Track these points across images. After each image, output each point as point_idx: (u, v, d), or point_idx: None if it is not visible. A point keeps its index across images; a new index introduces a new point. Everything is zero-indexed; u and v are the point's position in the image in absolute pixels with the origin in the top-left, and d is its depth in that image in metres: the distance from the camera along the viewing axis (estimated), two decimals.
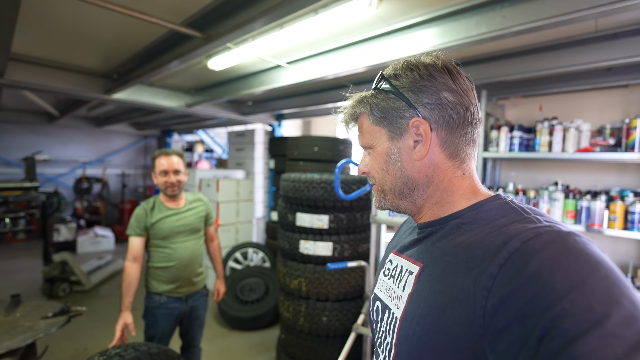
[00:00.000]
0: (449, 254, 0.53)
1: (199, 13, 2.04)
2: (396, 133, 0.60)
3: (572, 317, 0.36)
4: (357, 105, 0.64)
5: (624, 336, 0.35)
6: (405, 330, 0.55)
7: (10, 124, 6.87)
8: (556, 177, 2.87)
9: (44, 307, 2.10)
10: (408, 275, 0.60)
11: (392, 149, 0.61)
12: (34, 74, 3.26)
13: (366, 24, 2.16)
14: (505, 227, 0.49)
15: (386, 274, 0.69)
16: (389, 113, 0.60)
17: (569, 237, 0.43)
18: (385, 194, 0.64)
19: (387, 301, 0.64)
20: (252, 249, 4.28)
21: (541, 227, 0.46)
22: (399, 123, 0.59)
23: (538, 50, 2.38)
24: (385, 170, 0.62)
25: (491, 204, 0.56)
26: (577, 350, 0.35)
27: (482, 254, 0.48)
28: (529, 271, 0.41)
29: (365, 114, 0.63)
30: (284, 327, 2.59)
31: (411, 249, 0.65)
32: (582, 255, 0.41)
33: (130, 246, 1.91)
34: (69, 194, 7.61)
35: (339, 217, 2.36)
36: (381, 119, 0.61)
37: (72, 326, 3.27)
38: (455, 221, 0.58)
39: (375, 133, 0.62)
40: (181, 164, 2.00)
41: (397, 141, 0.60)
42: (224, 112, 4.85)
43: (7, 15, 1.77)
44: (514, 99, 3.15)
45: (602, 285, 0.38)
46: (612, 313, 0.36)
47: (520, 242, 0.44)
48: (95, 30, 2.42)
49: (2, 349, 1.62)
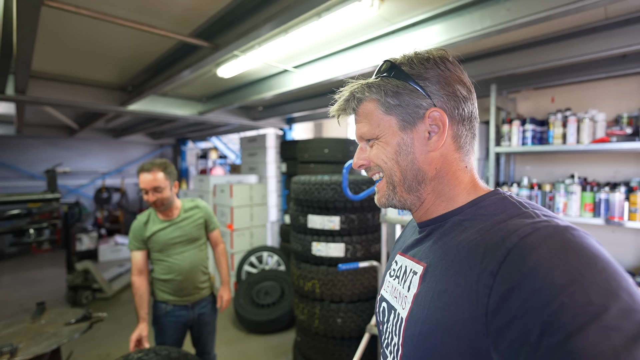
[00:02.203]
0: (451, 253, 0.53)
1: (206, 23, 2.10)
2: (409, 123, 0.58)
3: (571, 312, 0.36)
4: (367, 90, 0.60)
5: (622, 328, 0.35)
6: (411, 331, 0.55)
7: (33, 139, 7.18)
8: (573, 169, 2.79)
9: (68, 314, 2.17)
10: (412, 276, 0.61)
11: (404, 139, 0.58)
12: (53, 90, 3.40)
13: (370, 25, 2.17)
14: (504, 222, 0.50)
15: (392, 275, 0.69)
16: (404, 101, 0.57)
17: (566, 231, 0.44)
18: (395, 188, 0.61)
19: (393, 302, 0.64)
20: (266, 252, 4.32)
21: (539, 222, 0.46)
22: (414, 112, 0.57)
23: (547, 41, 2.33)
24: (395, 161, 0.59)
25: (490, 199, 0.57)
26: (576, 344, 0.35)
27: (482, 252, 0.48)
28: (527, 267, 0.41)
29: (375, 100, 0.60)
30: (299, 330, 2.60)
31: (414, 249, 0.65)
32: (579, 249, 0.41)
33: (133, 261, 1.90)
34: (90, 204, 7.87)
35: (350, 218, 2.37)
36: (394, 106, 0.58)
37: (94, 332, 3.38)
38: (455, 218, 0.58)
39: (384, 122, 0.59)
40: (164, 179, 1.84)
41: (410, 131, 0.58)
42: (235, 119, 4.93)
43: (26, 36, 1.87)
44: (526, 91, 3.08)
45: (599, 279, 0.38)
46: (610, 306, 0.36)
47: (518, 238, 0.45)
48: (109, 45, 2.51)
49: (28, 355, 1.69)
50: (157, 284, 1.98)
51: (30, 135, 6.79)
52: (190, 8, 1.93)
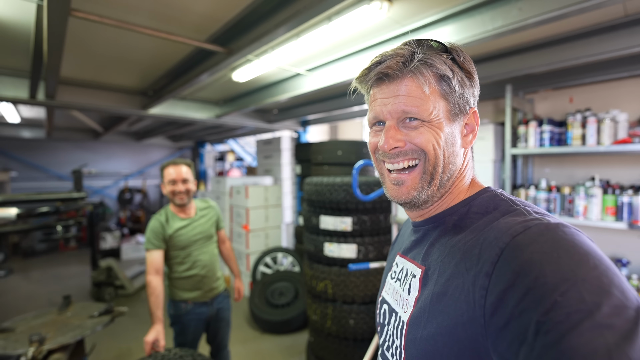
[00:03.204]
0: (448, 256, 0.54)
1: (221, 30, 2.17)
2: (457, 114, 0.57)
3: (564, 310, 0.37)
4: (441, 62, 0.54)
5: (614, 326, 0.35)
6: (413, 335, 0.55)
7: (61, 142, 7.54)
8: (594, 172, 2.70)
9: (91, 308, 2.29)
10: (412, 279, 0.61)
11: (452, 129, 0.57)
12: (80, 95, 3.59)
13: (381, 27, 2.19)
14: (496, 220, 0.50)
15: (392, 277, 0.69)
16: (464, 91, 0.56)
17: (558, 228, 0.44)
18: (432, 180, 0.57)
19: (394, 304, 0.64)
20: (281, 253, 4.38)
21: (530, 220, 0.46)
22: (463, 106, 0.57)
23: (565, 40, 2.28)
24: (444, 150, 0.56)
25: (481, 197, 0.57)
26: (570, 342, 0.35)
27: (477, 253, 0.48)
28: (520, 266, 0.41)
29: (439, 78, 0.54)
30: (312, 330, 2.62)
31: (413, 251, 0.65)
32: (571, 247, 0.41)
33: (151, 260, 1.87)
34: (113, 204, 8.18)
35: (362, 219, 2.38)
36: (455, 93, 0.55)
37: (116, 327, 3.51)
38: (449, 218, 0.58)
39: (439, 104, 0.55)
40: (190, 174, 2.00)
41: (454, 122, 0.57)
42: (251, 121, 5.03)
43: (55, 45, 1.99)
44: (544, 92, 3.01)
45: (591, 276, 0.38)
46: (603, 303, 0.36)
47: (510, 237, 0.45)
48: (131, 52, 2.64)
49: (55, 344, 1.79)
50: (176, 284, 2.00)
51: (59, 138, 7.14)
52: (207, 15, 2.00)
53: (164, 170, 1.98)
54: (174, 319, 2.00)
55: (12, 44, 2.48)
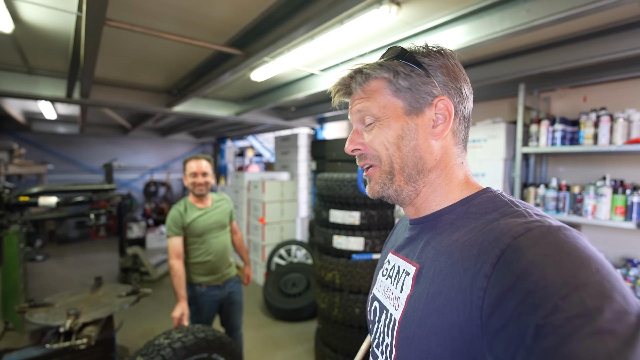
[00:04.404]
0: (444, 254, 0.53)
1: (239, 34, 2.31)
2: (416, 108, 0.57)
3: (565, 314, 0.36)
4: (379, 69, 0.58)
5: (616, 331, 0.34)
6: (405, 333, 0.54)
7: (93, 137, 8.00)
8: (608, 171, 2.67)
9: (119, 288, 2.51)
10: (405, 276, 0.60)
11: (409, 124, 0.57)
12: (111, 94, 3.86)
13: (392, 29, 2.27)
14: (496, 221, 0.49)
15: (384, 274, 0.69)
16: (415, 85, 0.57)
17: (559, 231, 0.43)
18: (394, 176, 0.59)
19: (385, 302, 0.64)
20: (295, 246, 4.53)
21: (531, 221, 0.46)
22: (423, 98, 0.57)
23: (579, 38, 2.28)
24: (397, 146, 0.58)
25: (481, 197, 0.56)
26: (570, 347, 0.34)
27: (476, 253, 0.47)
28: (521, 269, 0.41)
29: (385, 80, 0.58)
30: (320, 318, 2.76)
31: (406, 248, 0.64)
32: (572, 250, 0.41)
33: (172, 246, 2.07)
34: (139, 196, 8.60)
35: (370, 214, 2.48)
36: (405, 89, 0.57)
37: (141, 309, 3.78)
38: (447, 217, 0.58)
39: (390, 104, 0.58)
40: (209, 168, 2.18)
41: (415, 117, 0.57)
42: (269, 119, 5.19)
43: (91, 50, 2.19)
44: (561, 90, 2.99)
45: (593, 280, 0.38)
46: (604, 308, 0.35)
47: (511, 238, 0.44)
48: (158, 55, 2.83)
49: (89, 318, 2.00)
50: (192, 269, 2.18)
51: (91, 133, 7.58)
52: (226, 21, 2.15)
53: (187, 164, 2.17)
54: (190, 300, 2.19)
55: (53, 49, 2.72)
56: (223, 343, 1.87)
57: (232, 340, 1.95)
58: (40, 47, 2.69)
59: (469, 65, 2.88)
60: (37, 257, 5.76)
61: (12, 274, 3.02)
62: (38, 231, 6.61)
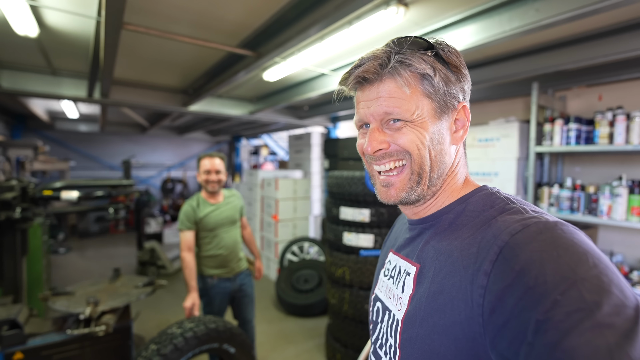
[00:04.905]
0: (444, 253, 0.53)
1: (251, 35, 2.38)
2: (443, 111, 0.55)
3: (564, 309, 0.36)
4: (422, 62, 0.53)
5: (615, 325, 0.34)
6: (408, 333, 0.55)
7: (113, 135, 8.28)
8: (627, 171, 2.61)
9: (136, 279, 2.62)
10: (406, 276, 0.60)
11: (439, 127, 0.55)
12: (130, 93, 4.00)
13: (401, 29, 2.28)
14: (493, 219, 0.50)
15: (386, 275, 0.69)
16: (449, 86, 0.55)
17: (556, 227, 0.43)
18: (421, 180, 0.56)
19: (388, 302, 0.64)
20: (307, 242, 4.59)
21: (528, 218, 0.46)
22: (450, 102, 0.56)
23: (595, 36, 2.24)
24: (429, 149, 0.55)
25: (477, 195, 0.57)
26: (570, 342, 0.35)
27: (475, 251, 0.48)
28: (520, 265, 0.41)
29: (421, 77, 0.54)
30: (331, 313, 2.80)
31: (407, 248, 0.64)
32: (570, 246, 0.41)
33: (184, 239, 2.16)
34: (157, 193, 8.85)
35: (380, 212, 2.50)
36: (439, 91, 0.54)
37: (157, 302, 3.92)
38: (446, 217, 0.58)
39: (423, 103, 0.54)
40: (222, 166, 2.25)
41: (441, 120, 0.56)
42: (282, 118, 5.26)
43: (110, 53, 2.30)
44: (577, 89, 2.93)
45: (591, 275, 0.38)
46: (603, 302, 0.36)
47: (509, 235, 0.45)
48: (173, 56, 2.93)
49: (107, 307, 2.11)
50: (204, 262, 2.26)
51: (111, 132, 7.85)
52: (238, 23, 2.21)
53: (200, 161, 2.24)
54: (202, 292, 2.28)
55: (74, 51, 2.86)
56: (234, 334, 1.93)
57: (242, 332, 2.01)
58: (63, 49, 2.83)
59: (482, 64, 2.86)
60: (60, 249, 6.02)
61: (36, 265, 3.19)
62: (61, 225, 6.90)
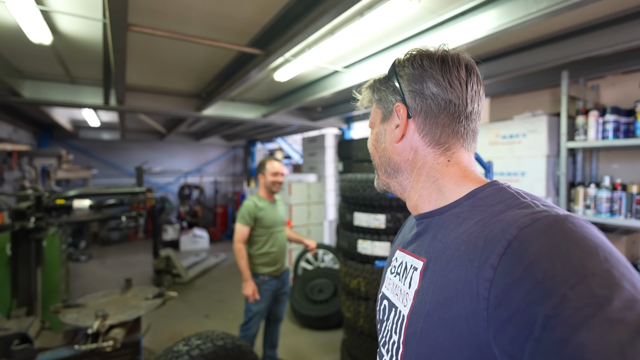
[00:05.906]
0: (450, 247, 0.53)
1: (260, 33, 2.28)
2: (386, 115, 0.65)
3: (574, 304, 0.35)
4: (368, 88, 0.70)
5: (626, 320, 0.34)
6: (413, 328, 0.55)
7: (133, 143, 8.44)
8: None
9: (147, 291, 2.55)
10: (413, 272, 0.60)
11: (380, 129, 0.66)
12: (144, 99, 4.01)
13: (416, 19, 2.13)
14: (502, 213, 0.49)
15: (392, 272, 0.69)
16: (383, 96, 0.65)
17: (566, 220, 0.43)
18: (377, 172, 0.70)
19: (394, 299, 0.64)
20: (322, 250, 4.44)
21: (538, 212, 0.45)
22: (388, 107, 0.64)
23: (632, 16, 2.01)
24: (375, 148, 0.68)
25: (487, 190, 0.56)
26: (580, 338, 0.34)
27: (482, 245, 0.47)
28: (528, 259, 0.40)
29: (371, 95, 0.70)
30: (346, 327, 2.64)
31: (414, 244, 0.65)
32: (580, 239, 0.40)
33: (240, 232, 2.35)
34: (174, 199, 8.94)
35: (397, 217, 2.34)
36: (377, 101, 0.67)
37: (171, 312, 3.87)
38: (453, 211, 0.58)
39: (375, 114, 0.69)
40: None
41: (385, 123, 0.66)
42: (295, 120, 5.17)
43: (119, 56, 2.26)
44: (612, 77, 2.67)
45: (602, 269, 0.37)
46: (614, 297, 0.35)
47: (518, 229, 0.44)
48: (184, 59, 2.89)
49: (115, 320, 2.04)
50: (256, 260, 2.41)
51: (130, 139, 8.00)
52: (247, 20, 2.12)
53: (268, 164, 2.43)
54: None
55: (88, 58, 2.86)
56: (242, 352, 1.82)
57: (251, 349, 1.90)
58: (78, 56, 2.84)
59: (504, 53, 2.66)
60: (81, 257, 6.13)
61: (53, 274, 3.19)
62: (83, 233, 7.05)
